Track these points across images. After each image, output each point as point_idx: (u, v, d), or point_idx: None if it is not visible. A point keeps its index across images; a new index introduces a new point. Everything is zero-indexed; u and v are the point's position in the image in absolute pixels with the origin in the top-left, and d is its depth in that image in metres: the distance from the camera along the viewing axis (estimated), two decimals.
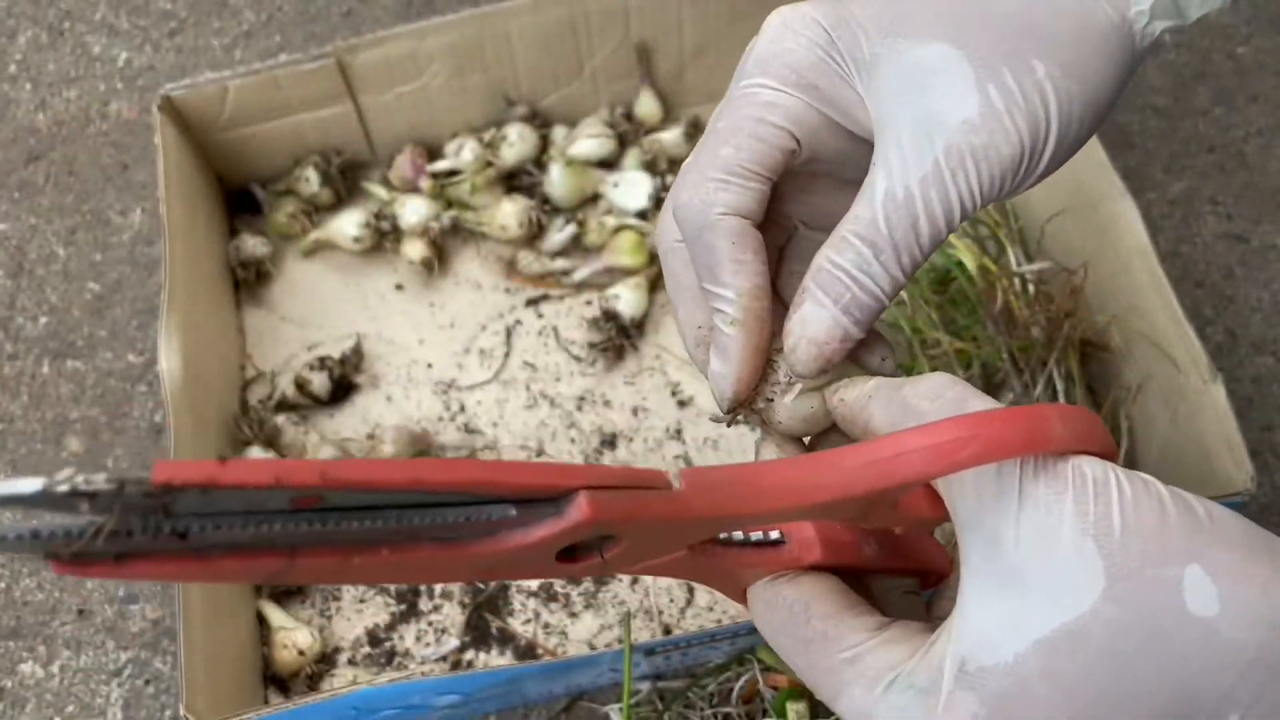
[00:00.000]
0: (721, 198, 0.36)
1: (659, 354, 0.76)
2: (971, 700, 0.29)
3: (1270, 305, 0.76)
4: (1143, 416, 0.67)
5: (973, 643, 0.29)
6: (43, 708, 0.66)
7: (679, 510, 0.29)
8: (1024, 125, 0.35)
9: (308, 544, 0.25)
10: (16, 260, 0.83)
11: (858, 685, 0.31)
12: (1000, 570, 0.29)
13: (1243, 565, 0.28)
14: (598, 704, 0.65)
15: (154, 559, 0.23)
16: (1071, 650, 0.28)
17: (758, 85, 0.37)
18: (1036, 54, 0.35)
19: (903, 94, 0.35)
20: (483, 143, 0.81)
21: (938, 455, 0.29)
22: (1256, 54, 0.87)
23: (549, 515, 0.27)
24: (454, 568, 0.28)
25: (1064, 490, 0.29)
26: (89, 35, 0.94)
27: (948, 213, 0.35)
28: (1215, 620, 0.28)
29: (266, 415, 0.72)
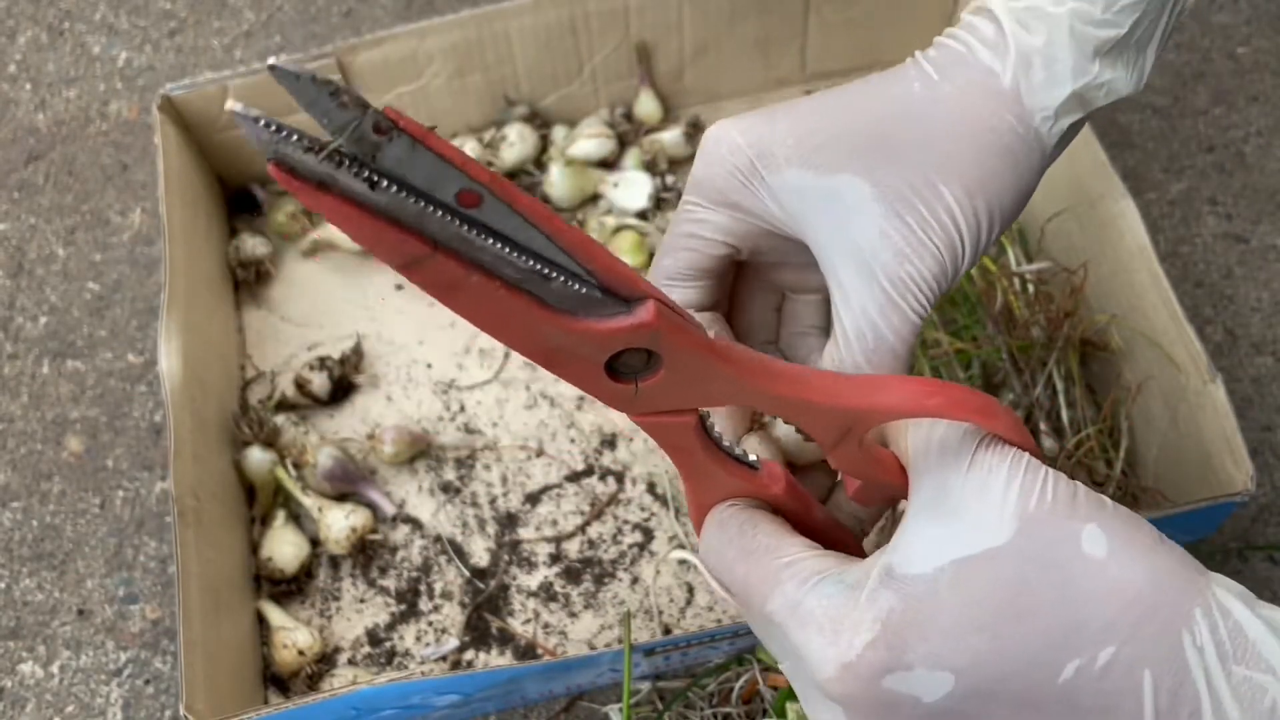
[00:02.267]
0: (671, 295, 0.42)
1: None
2: (891, 597, 0.34)
3: (1270, 305, 0.76)
4: (1142, 416, 0.67)
5: (903, 554, 0.34)
6: (43, 708, 0.67)
7: (711, 350, 0.34)
8: (942, 245, 0.40)
9: (449, 243, 0.29)
10: (16, 260, 0.83)
11: (791, 582, 0.36)
12: (941, 508, 0.34)
13: (1133, 533, 0.33)
14: (598, 704, 0.65)
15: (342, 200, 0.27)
16: (983, 569, 0.33)
17: (691, 204, 0.43)
18: (942, 179, 0.40)
19: (831, 228, 0.41)
20: (483, 143, 0.81)
21: (912, 396, 0.35)
22: (1256, 54, 0.87)
23: (621, 311, 0.32)
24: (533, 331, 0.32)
25: (1004, 460, 0.34)
26: (89, 35, 0.94)
27: (910, 329, 0.41)
28: (1104, 561, 0.33)
29: (266, 415, 0.72)
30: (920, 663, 0.33)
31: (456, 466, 0.72)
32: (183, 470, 0.62)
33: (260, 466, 0.70)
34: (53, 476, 0.74)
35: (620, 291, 0.32)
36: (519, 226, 0.30)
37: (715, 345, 0.34)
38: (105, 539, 0.72)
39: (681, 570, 0.68)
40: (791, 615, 0.35)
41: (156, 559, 0.71)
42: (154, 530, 0.72)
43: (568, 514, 0.70)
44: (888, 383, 0.36)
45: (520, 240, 0.30)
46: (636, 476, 0.71)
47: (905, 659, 0.33)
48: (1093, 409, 0.69)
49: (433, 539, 0.70)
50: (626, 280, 0.32)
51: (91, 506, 0.73)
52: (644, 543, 0.69)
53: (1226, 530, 0.68)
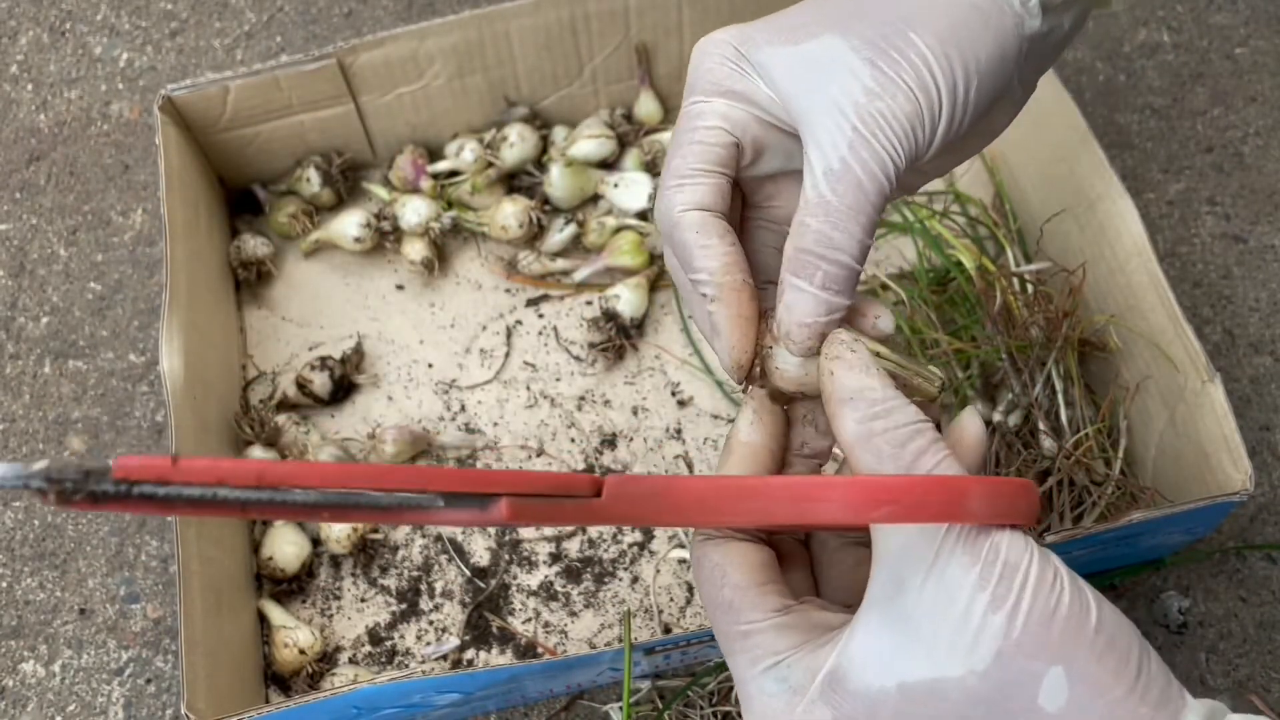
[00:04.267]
0: (679, 198, 0.41)
1: (659, 354, 0.76)
2: (827, 714, 0.32)
3: (1268, 305, 0.76)
4: (1141, 416, 0.67)
5: (849, 662, 0.32)
6: (44, 707, 0.67)
7: (593, 518, 0.33)
8: (914, 85, 0.39)
9: (257, 505, 0.29)
10: (18, 260, 0.83)
11: (743, 657, 0.35)
12: (896, 611, 0.32)
13: (1104, 679, 0.31)
14: (598, 703, 0.65)
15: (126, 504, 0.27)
16: (927, 703, 0.31)
17: (690, 103, 0.43)
18: (912, 29, 0.40)
19: (809, 86, 0.40)
20: (483, 143, 0.81)
21: (854, 509, 0.32)
22: (1254, 55, 0.87)
23: (473, 508, 0.31)
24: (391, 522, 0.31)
25: (975, 564, 0.31)
26: (90, 36, 0.94)
27: (882, 167, 0.39)
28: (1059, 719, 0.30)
29: (267, 415, 0.72)
30: None
31: (457, 466, 0.72)
32: None
33: None
34: None
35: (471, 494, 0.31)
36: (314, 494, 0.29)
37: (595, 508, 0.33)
38: (107, 538, 0.72)
39: (681, 569, 0.68)
40: (740, 688, 0.36)
41: (158, 558, 0.71)
42: (155, 529, 0.72)
43: None
44: (825, 491, 0.32)
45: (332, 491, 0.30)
46: None
47: None
48: (1091, 409, 0.69)
49: (433, 538, 0.70)
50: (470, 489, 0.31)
51: None
52: (644, 542, 0.69)
53: (1225, 530, 0.69)
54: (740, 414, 0.42)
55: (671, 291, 0.78)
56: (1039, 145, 0.73)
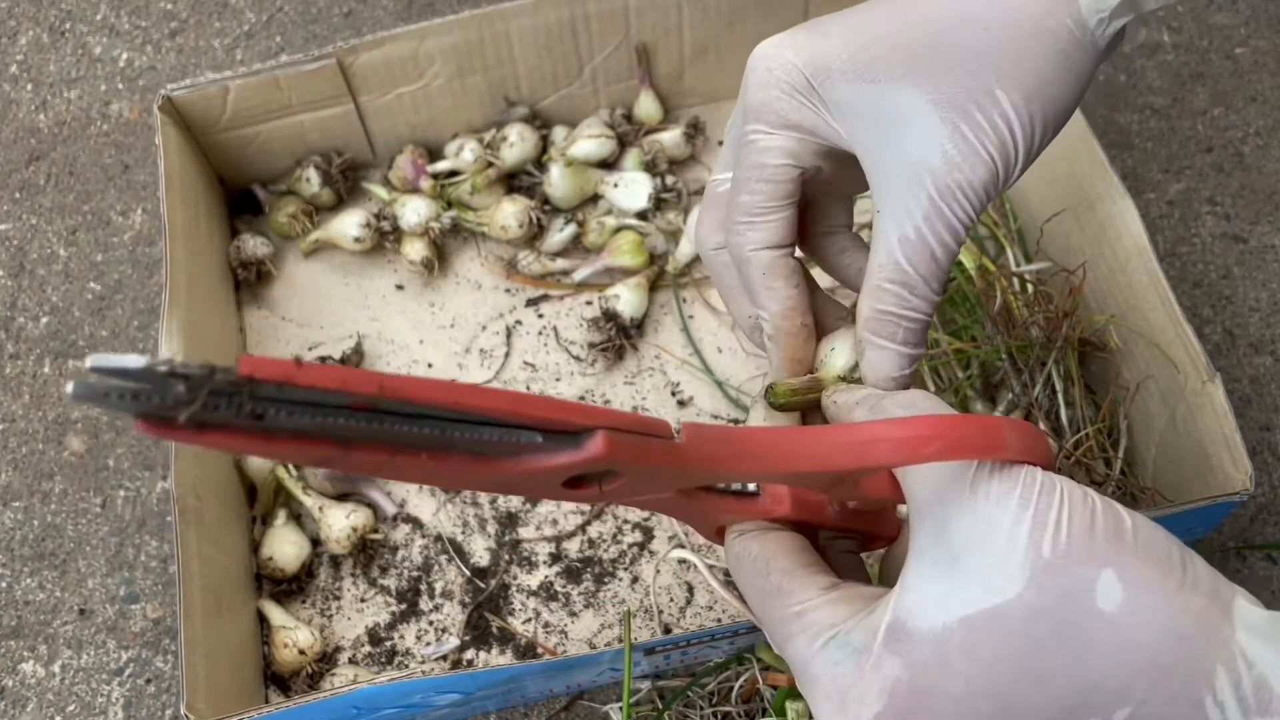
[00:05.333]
0: (751, 236, 0.43)
1: (659, 354, 0.76)
2: (896, 664, 0.32)
3: (1268, 305, 0.76)
4: (1141, 416, 0.67)
5: (907, 611, 0.33)
6: (44, 707, 0.67)
7: (677, 459, 0.33)
8: (995, 152, 0.39)
9: (360, 439, 0.28)
10: (18, 260, 0.83)
11: (802, 637, 0.35)
12: (943, 553, 0.33)
13: (1153, 575, 0.31)
14: (598, 703, 0.65)
15: (230, 432, 0.26)
16: (991, 629, 0.31)
17: (754, 132, 0.43)
18: (999, 85, 0.39)
19: (885, 142, 0.40)
20: (483, 143, 0.81)
21: (906, 447, 0.33)
22: (1255, 55, 0.87)
23: (568, 447, 0.31)
24: (480, 479, 0.31)
25: (1013, 488, 0.32)
26: (90, 36, 0.94)
27: (954, 235, 0.40)
28: (1120, 619, 0.31)
29: None
30: None
31: None
32: (184, 470, 0.62)
33: (261, 466, 0.70)
34: (54, 476, 0.74)
35: (564, 428, 0.31)
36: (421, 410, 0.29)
37: (680, 450, 0.33)
38: (106, 538, 0.72)
39: (681, 570, 0.68)
40: (803, 673, 0.35)
41: (157, 558, 0.71)
42: (155, 530, 0.72)
43: (568, 513, 0.70)
44: (879, 431, 0.34)
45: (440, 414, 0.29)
46: None
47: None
48: (1091, 409, 0.69)
49: (433, 538, 0.70)
50: (566, 421, 0.31)
51: (93, 506, 0.73)
52: (644, 542, 0.69)
53: (1225, 530, 0.69)
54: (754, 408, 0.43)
55: (672, 291, 0.78)
56: None
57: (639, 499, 0.36)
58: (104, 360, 0.24)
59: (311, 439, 0.27)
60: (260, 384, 0.26)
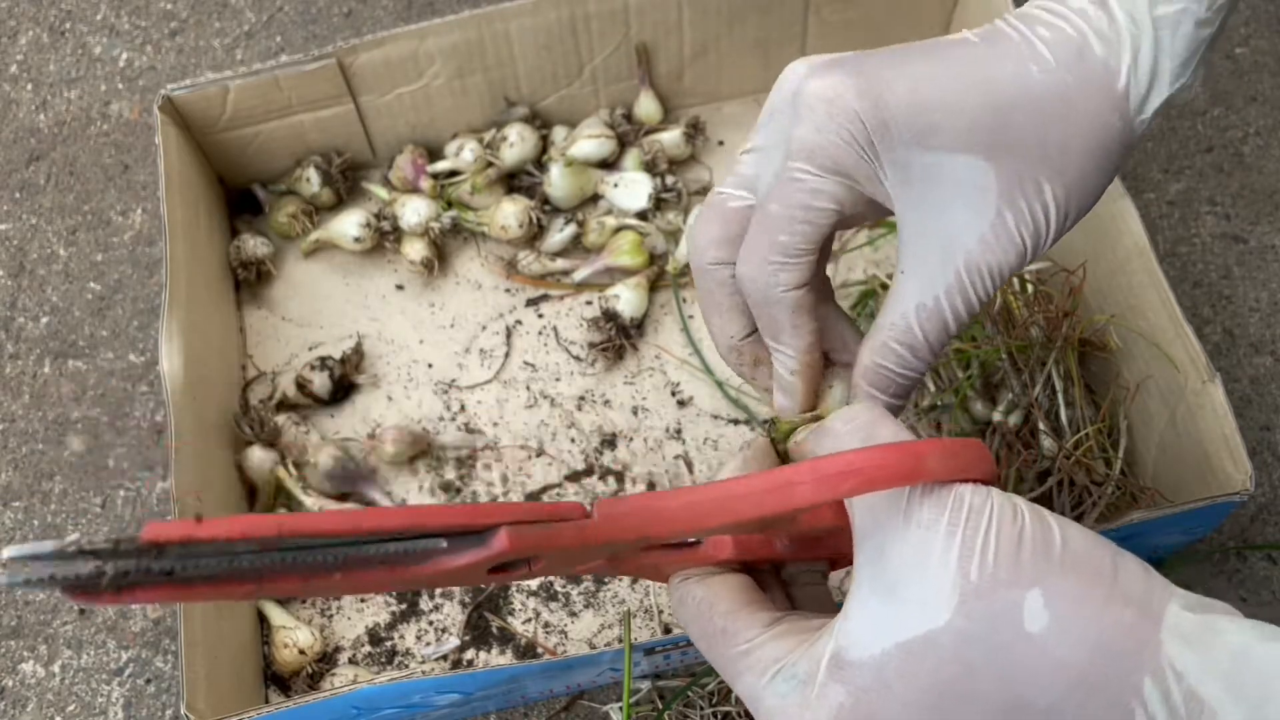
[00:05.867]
0: (782, 278, 0.42)
1: (659, 354, 0.76)
2: (840, 691, 0.34)
3: (1268, 305, 0.76)
4: (1141, 416, 0.67)
5: (848, 640, 0.34)
6: (44, 707, 0.67)
7: (589, 538, 0.34)
8: (1029, 239, 0.40)
9: (271, 573, 0.30)
10: (18, 260, 0.83)
11: (749, 675, 0.36)
12: (882, 580, 0.34)
13: (1080, 591, 0.32)
14: (598, 703, 0.65)
15: (147, 589, 0.28)
16: (925, 654, 0.33)
17: (803, 172, 0.41)
18: (1047, 176, 0.40)
19: (928, 210, 0.41)
20: (483, 143, 0.81)
21: (824, 485, 0.34)
22: (1255, 55, 0.87)
23: (475, 545, 0.32)
24: (398, 584, 0.33)
25: (942, 514, 0.33)
26: (90, 36, 0.94)
27: (969, 310, 0.41)
28: (1047, 640, 0.32)
29: (267, 415, 0.72)
30: None
31: (457, 466, 0.72)
32: (184, 470, 0.62)
33: (261, 466, 0.70)
34: (54, 476, 0.74)
35: (470, 528, 0.32)
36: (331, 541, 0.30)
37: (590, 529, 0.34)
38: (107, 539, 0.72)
39: None
40: (755, 708, 0.36)
41: None
42: None
43: None
44: (794, 475, 0.34)
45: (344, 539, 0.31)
46: (636, 476, 0.71)
47: None
48: (1091, 409, 0.69)
49: None
50: (468, 524, 0.32)
51: (93, 506, 0.73)
52: None
53: (1225, 530, 0.69)
54: (731, 462, 0.44)
55: (672, 291, 0.78)
56: None
57: (574, 569, 0.38)
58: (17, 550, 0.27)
59: (225, 581, 0.29)
60: (165, 546, 0.28)
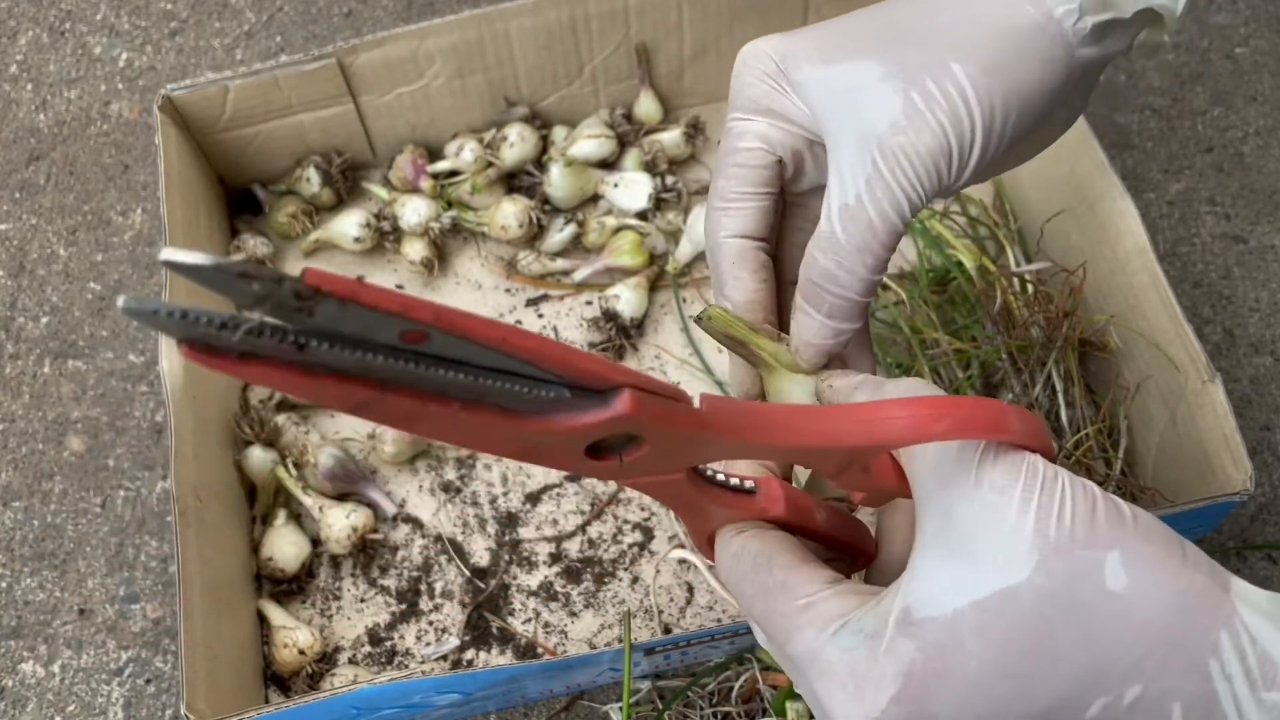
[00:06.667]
0: (724, 223, 0.43)
1: (659, 354, 0.76)
2: (910, 646, 0.32)
3: (1268, 305, 0.76)
4: (1141, 416, 0.67)
5: (918, 598, 0.33)
6: (44, 707, 0.67)
7: (698, 425, 0.33)
8: (946, 120, 0.39)
9: (397, 382, 0.28)
10: (18, 260, 0.83)
11: (810, 629, 0.35)
12: (950, 540, 0.33)
13: (1157, 555, 0.32)
14: (598, 703, 0.65)
15: (272, 365, 0.26)
16: (1003, 611, 0.32)
17: (732, 119, 0.43)
18: (954, 58, 0.39)
19: (839, 109, 0.40)
20: (483, 143, 0.81)
21: (915, 424, 0.33)
22: (1255, 55, 0.87)
23: (596, 404, 0.31)
24: (506, 438, 0.31)
25: (1016, 477, 0.33)
26: (90, 36, 0.94)
27: (896, 208, 0.39)
28: (1128, 598, 0.31)
29: (267, 415, 0.72)
30: (945, 712, 0.32)
31: (457, 466, 0.72)
32: (184, 470, 0.62)
33: (261, 466, 0.70)
34: (54, 476, 0.74)
35: (593, 385, 0.31)
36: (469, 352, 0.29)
37: (701, 416, 0.33)
38: (106, 538, 0.72)
39: (681, 570, 0.68)
40: (812, 665, 0.34)
41: (157, 558, 0.71)
42: (155, 530, 0.72)
43: (568, 514, 0.70)
44: (889, 410, 0.34)
45: (476, 361, 0.29)
46: None
47: (929, 710, 0.32)
48: (1092, 409, 0.69)
49: (433, 538, 0.70)
50: (598, 374, 0.31)
51: (93, 506, 0.73)
52: (644, 542, 0.69)
53: (1225, 530, 0.69)
54: None
55: (672, 291, 0.78)
56: None
57: (652, 479, 0.36)
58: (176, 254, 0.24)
59: (351, 378, 0.27)
60: (322, 299, 0.25)
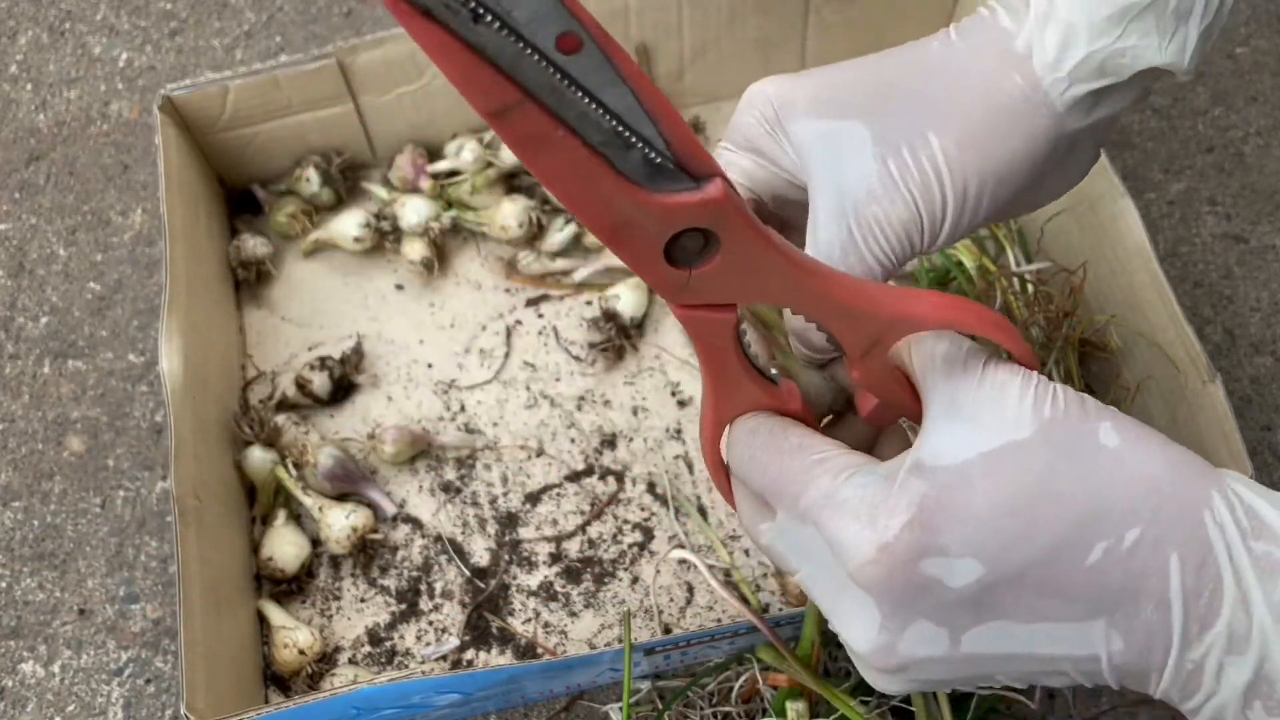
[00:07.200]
0: None
1: (659, 354, 0.76)
2: (921, 484, 0.34)
3: (1269, 305, 0.76)
4: (1142, 416, 0.67)
5: (928, 451, 0.35)
6: (44, 707, 0.67)
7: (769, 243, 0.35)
8: (918, 193, 0.40)
9: (539, 92, 0.29)
10: (17, 260, 0.83)
11: (825, 476, 0.37)
12: (957, 413, 0.35)
13: (1144, 431, 0.35)
14: (598, 703, 0.65)
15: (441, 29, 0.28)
16: (1011, 459, 0.34)
17: (722, 148, 0.45)
18: (934, 129, 0.40)
19: (823, 165, 0.42)
20: (483, 143, 0.81)
21: (942, 308, 0.36)
22: (1255, 55, 0.87)
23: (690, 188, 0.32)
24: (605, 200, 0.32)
25: (1015, 375, 0.35)
26: (90, 36, 0.94)
27: (868, 272, 0.41)
28: (1123, 453, 0.34)
29: (267, 415, 0.72)
30: (954, 545, 0.34)
31: (457, 466, 0.72)
32: (184, 470, 0.62)
33: (261, 466, 0.70)
34: (54, 476, 0.74)
35: (691, 166, 0.32)
36: (610, 81, 0.30)
37: (772, 236, 0.35)
38: (106, 538, 0.72)
39: (681, 570, 0.68)
40: (827, 505, 0.36)
41: (157, 558, 0.71)
42: (155, 530, 0.72)
43: (568, 514, 0.70)
44: (920, 295, 0.37)
45: (608, 99, 0.30)
46: (636, 476, 0.71)
47: (940, 541, 0.34)
48: None
49: (433, 539, 0.70)
50: (699, 156, 0.32)
51: (92, 506, 0.73)
52: (644, 542, 0.69)
53: None
54: None
55: None
56: None
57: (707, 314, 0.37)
58: None
59: (503, 73, 0.28)
60: None
